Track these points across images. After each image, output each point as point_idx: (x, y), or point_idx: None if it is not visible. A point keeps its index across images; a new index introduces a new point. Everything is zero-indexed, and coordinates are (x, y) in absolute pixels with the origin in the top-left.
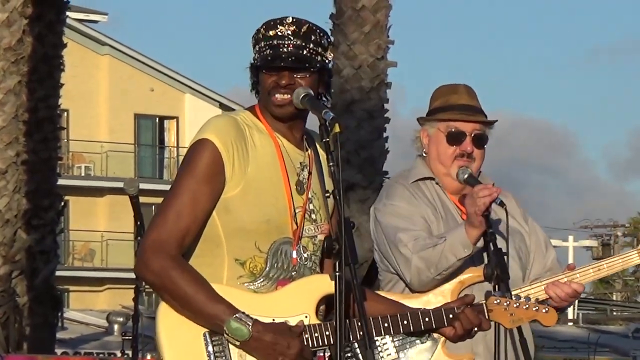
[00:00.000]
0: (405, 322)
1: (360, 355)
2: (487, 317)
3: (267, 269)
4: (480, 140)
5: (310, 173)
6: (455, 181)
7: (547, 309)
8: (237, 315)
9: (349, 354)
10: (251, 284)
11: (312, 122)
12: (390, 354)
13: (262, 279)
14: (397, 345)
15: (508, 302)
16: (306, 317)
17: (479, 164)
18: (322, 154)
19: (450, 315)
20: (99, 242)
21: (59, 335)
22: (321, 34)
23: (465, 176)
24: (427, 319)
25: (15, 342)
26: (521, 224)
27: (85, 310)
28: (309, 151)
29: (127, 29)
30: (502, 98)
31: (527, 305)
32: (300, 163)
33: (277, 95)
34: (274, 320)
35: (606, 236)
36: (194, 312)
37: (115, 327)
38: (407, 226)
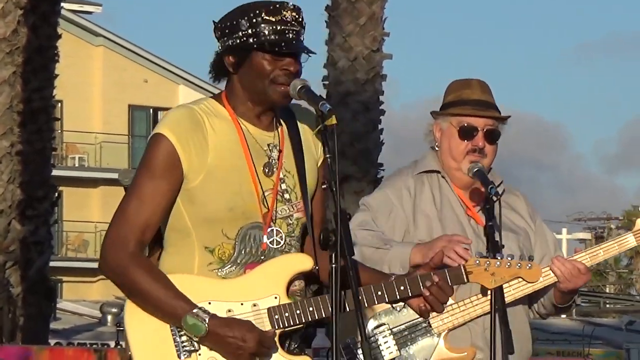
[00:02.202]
0: (379, 292)
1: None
2: (466, 279)
3: (235, 254)
4: (492, 136)
5: (280, 151)
6: (465, 176)
7: (530, 265)
8: (194, 311)
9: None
10: (220, 270)
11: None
12: (391, 352)
13: (230, 265)
14: (398, 342)
15: (488, 262)
16: (276, 297)
17: (490, 159)
18: (302, 127)
19: (427, 282)
20: (93, 232)
21: (53, 325)
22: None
23: (475, 170)
24: (402, 288)
25: (9, 333)
26: (527, 222)
27: (78, 301)
28: (280, 129)
29: (121, 20)
30: (495, 93)
31: (509, 264)
32: (269, 144)
33: (283, 87)
34: (242, 304)
35: (600, 229)
36: (152, 308)
37: (109, 317)
38: (369, 221)
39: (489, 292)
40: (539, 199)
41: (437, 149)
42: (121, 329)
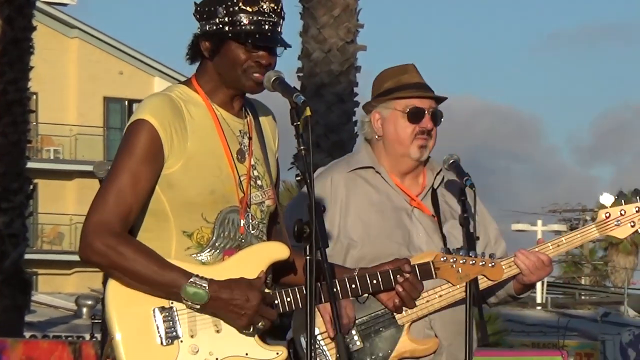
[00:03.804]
0: (353, 285)
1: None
2: (434, 275)
3: (214, 238)
4: (436, 117)
5: (250, 138)
6: (411, 161)
7: (493, 264)
8: (191, 279)
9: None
10: (198, 254)
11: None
12: (355, 343)
13: (209, 249)
14: (361, 333)
15: (455, 259)
16: None
17: (434, 141)
18: (262, 121)
19: (398, 276)
20: (68, 225)
21: (28, 318)
22: (284, 10)
23: (451, 162)
24: (375, 281)
25: None
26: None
27: (54, 294)
28: (248, 118)
29: (96, 12)
30: (468, 83)
31: (474, 261)
32: (240, 131)
33: (256, 74)
34: None
35: (575, 220)
36: (148, 284)
37: (84, 310)
38: None
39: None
40: (513, 189)
41: (377, 138)
42: (96, 321)
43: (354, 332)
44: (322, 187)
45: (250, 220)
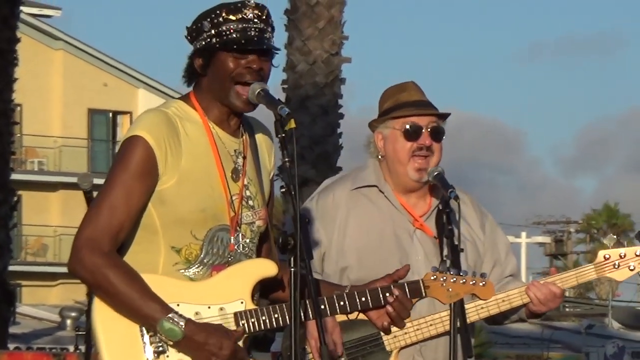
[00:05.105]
0: (342, 302)
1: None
2: (423, 293)
3: (202, 255)
4: (437, 133)
5: (245, 158)
6: (411, 181)
7: (484, 282)
8: (169, 315)
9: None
10: (186, 270)
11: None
12: None
13: (196, 265)
14: (349, 357)
15: (445, 278)
16: (242, 302)
17: (438, 157)
18: (258, 140)
19: (387, 294)
20: (52, 237)
21: (11, 330)
22: (272, 18)
23: (435, 173)
24: (363, 299)
25: None
26: (475, 230)
27: (38, 305)
28: (244, 137)
29: (81, 24)
30: (453, 96)
31: (464, 280)
32: (235, 150)
33: (240, 89)
34: (209, 307)
35: (559, 232)
36: (127, 311)
37: (68, 322)
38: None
39: (444, 313)
40: (498, 201)
41: (381, 158)
42: (80, 333)
43: (344, 357)
44: (324, 203)
45: (240, 239)
